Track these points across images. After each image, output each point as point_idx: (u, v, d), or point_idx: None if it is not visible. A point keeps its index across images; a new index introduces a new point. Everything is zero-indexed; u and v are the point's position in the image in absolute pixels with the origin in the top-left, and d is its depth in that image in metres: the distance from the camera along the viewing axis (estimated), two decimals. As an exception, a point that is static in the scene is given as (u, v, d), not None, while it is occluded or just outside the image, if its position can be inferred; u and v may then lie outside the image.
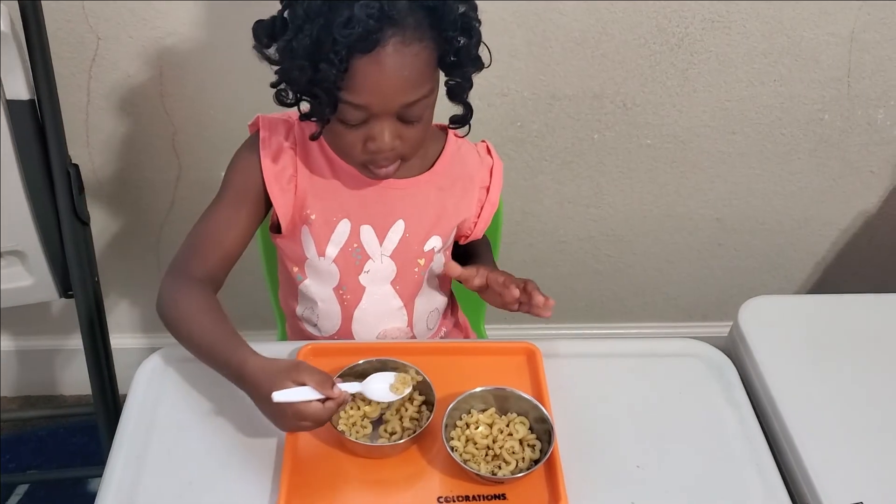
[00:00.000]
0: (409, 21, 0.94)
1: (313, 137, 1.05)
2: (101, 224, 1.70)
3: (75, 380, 1.94)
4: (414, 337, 1.25)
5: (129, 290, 1.85)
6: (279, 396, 0.93)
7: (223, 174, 1.63)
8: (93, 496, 0.96)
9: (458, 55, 1.01)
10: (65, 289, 1.45)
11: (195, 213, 1.70)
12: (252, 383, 0.96)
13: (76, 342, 1.55)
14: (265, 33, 1.00)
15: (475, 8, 1.01)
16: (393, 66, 0.95)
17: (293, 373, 0.94)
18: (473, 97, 1.07)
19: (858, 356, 1.17)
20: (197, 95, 1.56)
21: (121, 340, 1.85)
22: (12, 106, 1.26)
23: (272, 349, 1.08)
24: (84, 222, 1.41)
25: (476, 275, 1.15)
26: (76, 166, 1.37)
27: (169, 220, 1.73)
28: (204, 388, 1.08)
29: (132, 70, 1.51)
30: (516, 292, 1.10)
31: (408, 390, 1.01)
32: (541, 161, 1.71)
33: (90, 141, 1.60)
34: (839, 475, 1.01)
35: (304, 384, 0.93)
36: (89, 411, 1.58)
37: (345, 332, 1.21)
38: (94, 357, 1.51)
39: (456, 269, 1.16)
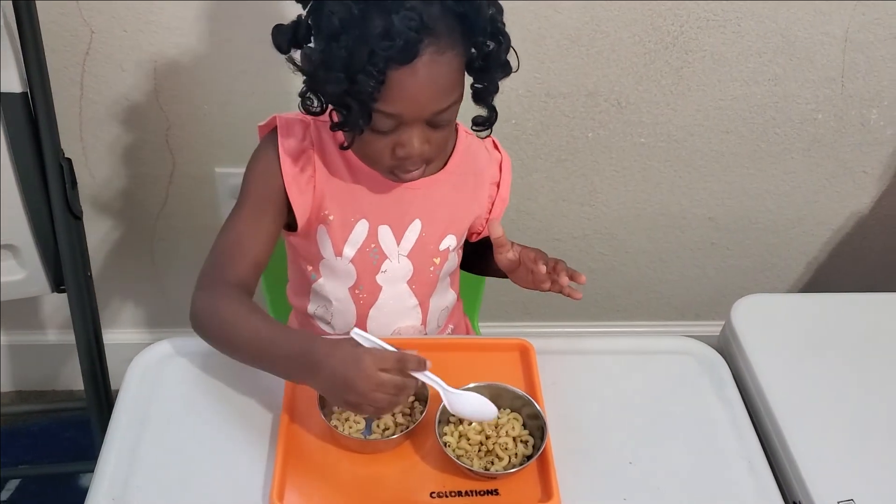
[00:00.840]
0: (442, 28, 0.93)
1: (345, 147, 1.03)
2: (94, 218, 1.70)
3: (67, 375, 1.94)
4: (426, 335, 1.25)
5: (122, 285, 1.85)
6: (358, 333, 0.94)
7: (217, 170, 1.65)
8: (85, 491, 0.96)
9: (487, 60, 1.00)
10: (57, 283, 1.45)
11: (189, 209, 1.71)
12: (322, 353, 0.94)
13: (68, 337, 1.55)
14: (285, 39, 0.98)
15: (501, 11, 1.00)
16: (428, 76, 0.94)
17: (367, 349, 0.94)
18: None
19: (850, 355, 1.18)
20: (191, 90, 1.55)
21: (113, 335, 1.85)
22: (5, 99, 1.26)
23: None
24: (77, 216, 1.40)
25: (510, 248, 1.12)
26: (69, 160, 1.36)
27: (163, 214, 1.72)
28: (196, 382, 1.07)
29: (126, 64, 1.51)
30: (543, 268, 1.08)
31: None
32: (535, 159, 1.71)
33: (83, 135, 1.59)
34: (830, 472, 1.01)
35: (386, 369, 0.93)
36: (81, 406, 1.58)
37: None
38: (87, 352, 1.50)
39: (498, 229, 1.10)
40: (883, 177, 1.80)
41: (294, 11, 1.01)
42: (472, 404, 1.00)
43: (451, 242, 1.18)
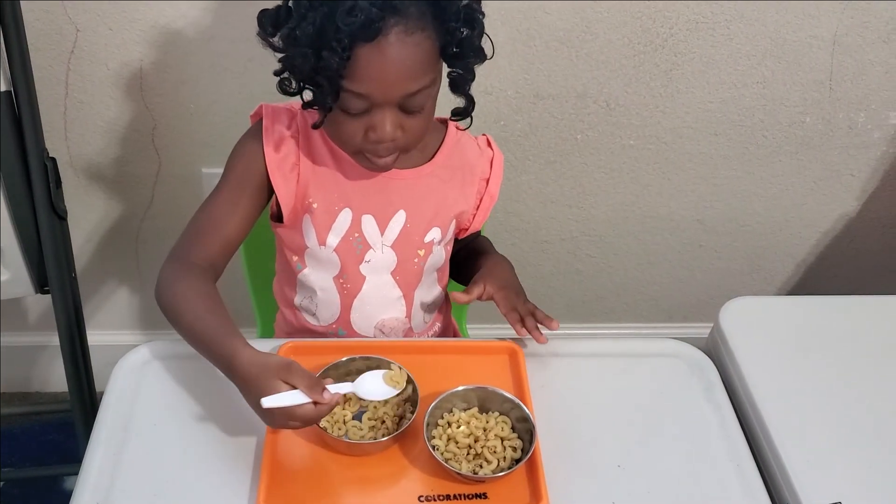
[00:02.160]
0: (412, 11, 0.95)
1: (315, 126, 1.05)
2: (79, 219, 1.68)
3: (51, 376, 1.92)
4: (411, 329, 1.25)
5: (107, 286, 1.83)
6: (269, 402, 0.91)
7: (204, 170, 1.63)
8: (69, 494, 0.95)
9: (461, 46, 1.01)
10: (41, 284, 1.43)
11: (175, 209, 1.70)
12: (242, 377, 0.95)
13: (52, 338, 1.53)
14: (269, 22, 1.00)
15: (479, 0, 1.02)
16: (395, 56, 0.95)
17: (283, 373, 0.93)
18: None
19: (838, 357, 1.18)
20: (177, 89, 1.54)
21: (98, 337, 1.82)
22: (-11, 97, 1.25)
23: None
24: (61, 217, 1.39)
25: (483, 293, 1.14)
26: (53, 160, 1.35)
27: (148, 215, 1.71)
28: (182, 385, 1.07)
29: (112, 63, 1.50)
30: (522, 332, 1.12)
31: (402, 386, 1.01)
32: (524, 160, 1.71)
33: (68, 134, 1.58)
34: (818, 475, 1.01)
35: (294, 387, 0.92)
36: (66, 408, 1.56)
37: (344, 321, 1.21)
38: (71, 353, 1.49)
39: (463, 297, 1.14)
40: (870, 180, 1.81)
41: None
42: (374, 386, 1.01)
43: (435, 235, 1.18)
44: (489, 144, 1.23)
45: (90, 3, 1.43)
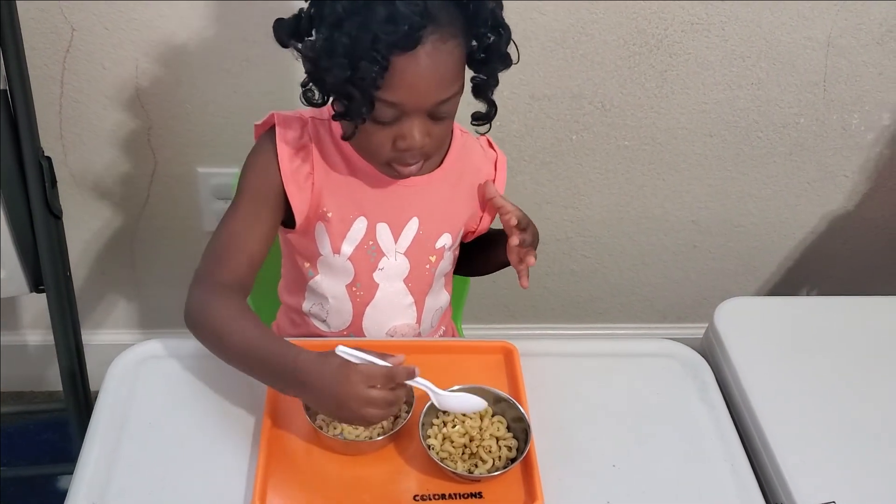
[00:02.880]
0: (445, 17, 0.94)
1: (346, 138, 1.03)
2: (74, 218, 1.68)
3: (46, 376, 1.92)
4: (420, 334, 1.25)
5: (102, 286, 1.83)
6: (343, 349, 0.93)
7: (199, 170, 1.63)
8: (63, 494, 0.95)
9: (488, 52, 1.00)
10: (36, 283, 1.43)
11: (171, 209, 1.70)
12: (309, 372, 0.94)
13: (47, 338, 1.53)
14: (287, 32, 0.98)
15: (501, 5, 1.01)
16: (430, 64, 0.94)
17: (352, 364, 0.95)
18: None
19: (832, 357, 1.18)
20: (174, 89, 1.54)
21: (93, 336, 1.83)
22: (-16, 97, 1.24)
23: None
24: (56, 216, 1.39)
25: (512, 212, 1.14)
26: (49, 159, 1.35)
27: (144, 215, 1.71)
28: (177, 384, 1.07)
29: (107, 62, 1.49)
30: (515, 240, 1.13)
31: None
32: (519, 161, 1.71)
33: (63, 133, 1.58)
34: (812, 475, 1.02)
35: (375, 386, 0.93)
36: (61, 408, 1.56)
37: (355, 328, 1.21)
38: (66, 353, 1.49)
39: (491, 189, 1.16)
40: (864, 181, 1.81)
41: (275, 11, 1.01)
42: (461, 402, 1.01)
43: (447, 241, 1.18)
44: (490, 146, 1.23)
45: (86, 3, 1.42)
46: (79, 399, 1.54)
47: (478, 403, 1.01)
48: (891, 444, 1.07)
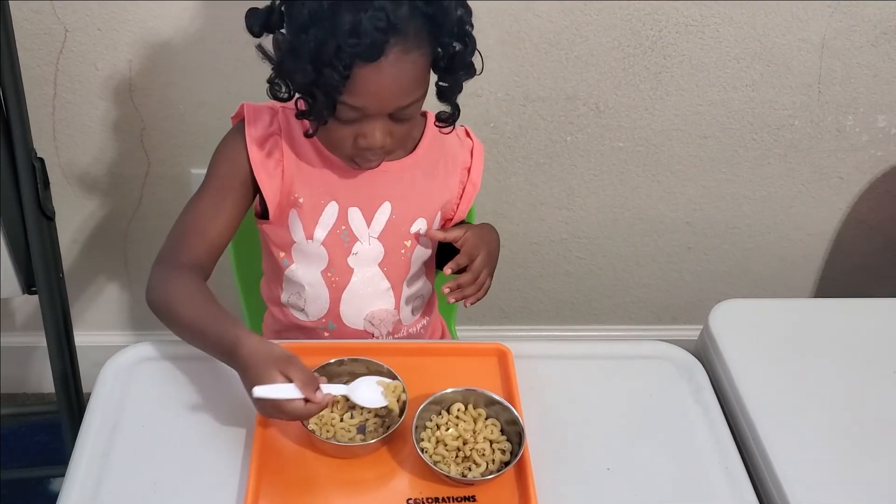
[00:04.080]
0: (410, 29, 0.96)
1: (308, 135, 1.06)
2: (67, 219, 1.68)
3: (38, 377, 1.91)
4: (400, 321, 1.25)
5: (94, 287, 1.83)
6: (260, 392, 0.92)
7: (193, 171, 1.63)
8: (55, 496, 0.94)
9: (452, 61, 1.02)
10: (28, 285, 1.43)
11: (164, 210, 1.69)
12: (243, 365, 0.96)
13: (39, 339, 1.52)
14: (258, 23, 1.00)
15: (470, 13, 1.03)
16: (393, 74, 0.97)
17: (283, 364, 0.94)
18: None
19: (827, 359, 1.18)
20: (167, 90, 1.54)
21: (85, 338, 1.81)
22: (-24, 97, 1.24)
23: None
24: (49, 217, 1.39)
25: (462, 237, 1.14)
26: (41, 160, 1.34)
27: (137, 216, 1.70)
28: (170, 386, 1.06)
29: (100, 63, 1.49)
30: (448, 272, 1.14)
31: (397, 395, 1.01)
32: (514, 162, 1.71)
33: (56, 135, 1.57)
34: (807, 478, 1.01)
35: (290, 380, 0.93)
36: (53, 409, 1.56)
37: (333, 314, 1.22)
38: (59, 354, 1.48)
39: (438, 234, 1.16)
40: (858, 182, 1.82)
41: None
42: (369, 393, 1.01)
43: (421, 226, 1.19)
44: (468, 135, 1.24)
45: (79, 4, 1.42)
46: (71, 401, 1.53)
47: (378, 400, 1.01)
48: (885, 447, 1.07)
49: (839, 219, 1.88)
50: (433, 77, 1.05)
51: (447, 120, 1.12)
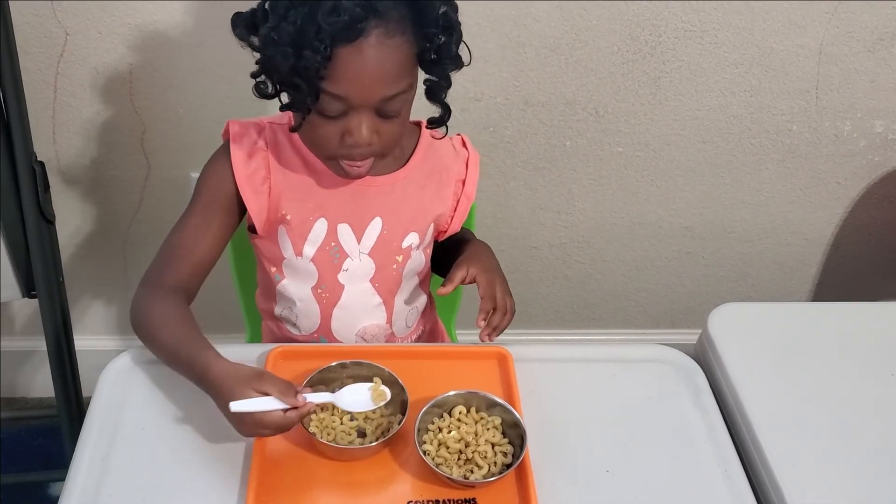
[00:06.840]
0: (393, 14, 0.96)
1: (294, 129, 1.05)
2: (67, 223, 1.68)
3: (38, 381, 1.91)
4: (393, 334, 1.25)
5: (94, 291, 1.83)
6: (236, 407, 0.92)
7: (192, 174, 1.62)
8: (55, 500, 0.95)
9: (438, 52, 1.02)
10: (28, 289, 1.43)
11: (164, 213, 1.69)
12: (214, 388, 0.96)
13: (39, 343, 1.52)
14: (244, 24, 1.01)
15: (456, 9, 1.03)
16: (375, 58, 0.96)
17: (255, 381, 0.94)
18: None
19: (825, 363, 1.19)
20: (167, 93, 1.54)
21: (85, 342, 1.81)
22: (-23, 101, 1.24)
23: (241, 352, 1.07)
24: (49, 221, 1.39)
25: (467, 276, 1.13)
26: (42, 163, 1.34)
27: (137, 219, 1.70)
28: (170, 390, 1.06)
29: (101, 66, 1.49)
30: (481, 323, 1.12)
31: (381, 403, 1.01)
32: (513, 167, 1.71)
33: (56, 138, 1.57)
34: (806, 480, 1.02)
35: (266, 394, 0.93)
36: (52, 414, 1.55)
37: (324, 330, 1.21)
38: (58, 358, 1.48)
39: (447, 289, 1.13)
40: (856, 187, 1.82)
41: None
42: (355, 397, 1.01)
43: (413, 240, 1.18)
44: (464, 145, 1.23)
45: (80, 7, 1.42)
46: (71, 405, 1.53)
47: (366, 402, 1.01)
48: (884, 450, 1.07)
49: (837, 223, 1.88)
50: (422, 76, 1.04)
51: (438, 122, 1.10)
